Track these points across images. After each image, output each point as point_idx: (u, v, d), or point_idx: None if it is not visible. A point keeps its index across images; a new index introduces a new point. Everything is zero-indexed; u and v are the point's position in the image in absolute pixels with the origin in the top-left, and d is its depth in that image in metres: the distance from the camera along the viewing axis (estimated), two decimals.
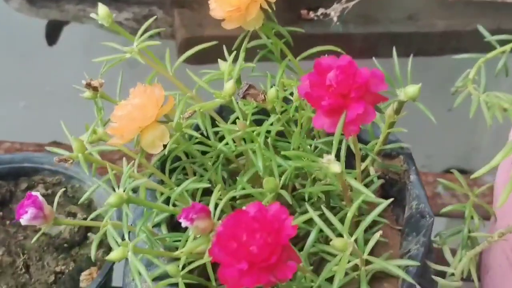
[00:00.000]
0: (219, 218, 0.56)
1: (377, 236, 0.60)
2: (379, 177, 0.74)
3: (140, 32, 0.65)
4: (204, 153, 0.71)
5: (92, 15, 0.74)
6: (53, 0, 1.25)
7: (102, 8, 0.72)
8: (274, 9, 0.71)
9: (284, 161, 0.63)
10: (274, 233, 0.50)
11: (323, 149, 0.68)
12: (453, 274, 0.69)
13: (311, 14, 0.92)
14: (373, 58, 0.75)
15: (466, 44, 1.29)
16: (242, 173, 0.71)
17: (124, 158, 0.67)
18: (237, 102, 0.65)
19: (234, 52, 0.73)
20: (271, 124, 0.66)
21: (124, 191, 0.56)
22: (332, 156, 0.58)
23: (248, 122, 0.63)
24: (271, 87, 0.72)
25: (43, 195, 0.90)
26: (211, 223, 0.56)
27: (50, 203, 0.91)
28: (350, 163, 0.74)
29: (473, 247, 0.71)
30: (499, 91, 0.79)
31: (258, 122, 0.69)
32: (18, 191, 0.92)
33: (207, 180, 0.68)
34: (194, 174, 0.73)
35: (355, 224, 0.68)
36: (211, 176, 0.68)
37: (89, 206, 0.91)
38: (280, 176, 0.62)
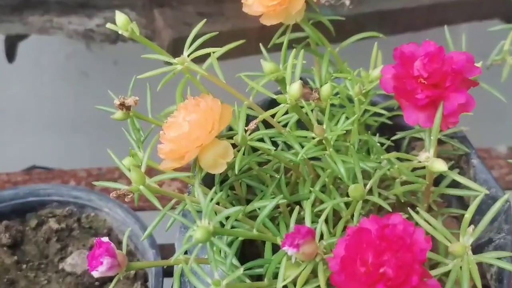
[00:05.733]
0: None
1: (470, 231, 0.55)
2: None
3: (189, 40, 0.57)
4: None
5: (109, 25, 0.65)
6: (15, 13, 1.14)
7: (120, 17, 0.64)
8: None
9: (364, 164, 0.57)
10: (406, 250, 0.44)
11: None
12: None
13: (323, 0, 0.86)
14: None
15: (451, 15, 1.27)
16: (301, 182, 0.65)
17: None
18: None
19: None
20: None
21: (208, 223, 0.49)
22: (431, 153, 0.52)
23: (324, 126, 0.57)
24: (323, 83, 0.67)
25: (56, 230, 0.82)
26: (316, 246, 0.49)
27: (66, 238, 0.82)
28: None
29: None
30: None
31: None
32: (28, 230, 0.82)
33: (270, 195, 0.62)
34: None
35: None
36: (273, 190, 0.62)
37: (109, 235, 0.82)
38: None
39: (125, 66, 1.56)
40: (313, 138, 0.57)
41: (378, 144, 0.62)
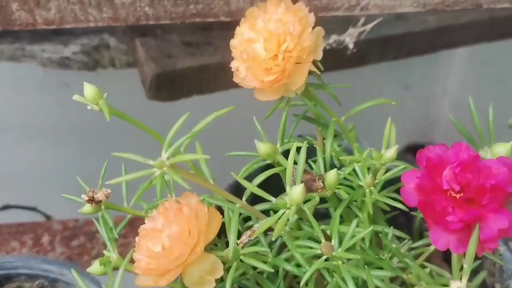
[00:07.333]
0: None
1: None
2: None
3: (169, 138, 0.47)
4: None
5: (76, 97, 0.56)
6: None
7: (89, 88, 0.54)
8: (322, 69, 0.55)
9: (378, 277, 0.48)
10: None
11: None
12: None
13: (324, 44, 0.76)
14: None
15: (459, 37, 1.17)
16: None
17: None
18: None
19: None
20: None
21: None
22: (463, 283, 0.43)
23: (333, 241, 0.47)
24: (328, 163, 0.57)
25: None
26: None
27: None
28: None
29: None
30: None
31: None
32: None
33: None
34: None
35: None
36: None
37: None
38: None
39: (107, 76, 1.47)
40: (320, 253, 0.47)
41: (393, 246, 0.53)
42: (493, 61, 1.38)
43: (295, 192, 0.47)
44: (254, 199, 0.53)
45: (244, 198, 0.50)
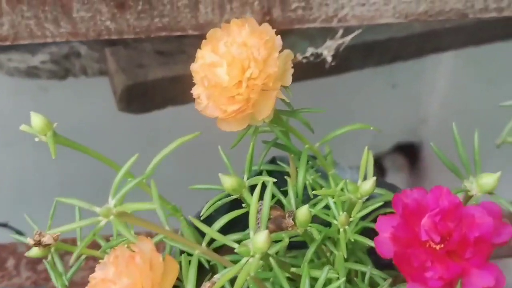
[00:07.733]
0: None
1: None
2: None
3: (116, 183, 0.42)
4: None
5: (23, 127, 0.51)
6: None
7: (37, 119, 0.49)
8: (291, 94, 0.50)
9: None
10: None
11: None
12: None
13: (298, 57, 0.72)
14: None
15: (445, 41, 1.13)
16: None
17: None
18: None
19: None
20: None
21: None
22: None
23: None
24: (300, 199, 0.52)
25: None
26: None
27: None
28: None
29: None
30: None
31: None
32: None
33: None
34: None
35: None
36: None
37: None
38: None
39: (85, 80, 1.43)
40: None
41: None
42: (482, 60, 1.34)
43: (259, 239, 0.42)
44: (220, 231, 0.49)
45: (204, 244, 0.45)
